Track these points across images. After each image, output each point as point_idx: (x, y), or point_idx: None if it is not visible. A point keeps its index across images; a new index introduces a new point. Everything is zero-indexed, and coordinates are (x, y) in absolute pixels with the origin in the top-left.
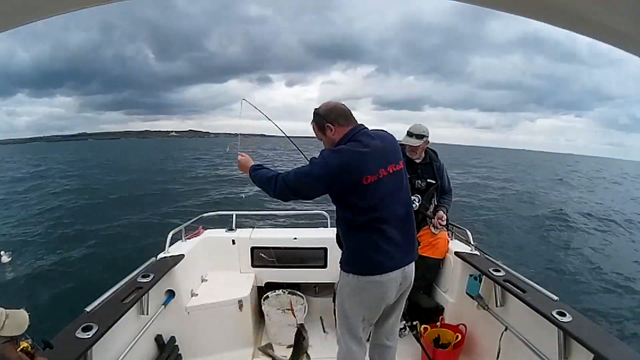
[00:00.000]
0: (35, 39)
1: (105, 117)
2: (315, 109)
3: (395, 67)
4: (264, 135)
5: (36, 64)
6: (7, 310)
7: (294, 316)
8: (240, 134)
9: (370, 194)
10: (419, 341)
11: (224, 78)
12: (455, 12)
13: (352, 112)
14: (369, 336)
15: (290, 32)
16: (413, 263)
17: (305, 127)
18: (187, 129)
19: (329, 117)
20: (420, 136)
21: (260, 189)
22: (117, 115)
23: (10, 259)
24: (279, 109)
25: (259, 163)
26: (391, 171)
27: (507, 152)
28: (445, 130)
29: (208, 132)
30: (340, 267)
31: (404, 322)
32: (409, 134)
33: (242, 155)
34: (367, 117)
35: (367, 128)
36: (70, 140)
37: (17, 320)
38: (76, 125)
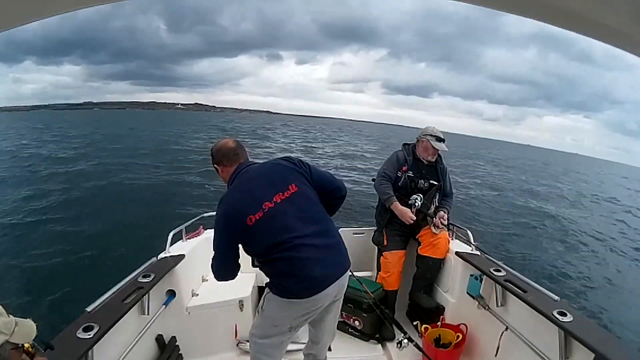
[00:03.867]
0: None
1: (112, 87)
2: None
3: (407, 52)
4: (270, 112)
5: (44, 32)
6: (17, 318)
7: None
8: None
9: (261, 233)
10: (419, 349)
11: (234, 53)
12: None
13: (360, 95)
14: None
15: (304, 11)
16: (347, 272)
17: (313, 107)
18: (193, 102)
19: (216, 158)
20: (443, 140)
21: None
22: (124, 86)
23: None
24: (286, 87)
25: None
26: (279, 200)
27: (511, 146)
28: (452, 119)
29: (214, 106)
30: (270, 288)
31: (402, 334)
32: (438, 139)
33: None
34: (375, 100)
35: (249, 165)
36: (76, 108)
37: (25, 329)
38: (82, 94)
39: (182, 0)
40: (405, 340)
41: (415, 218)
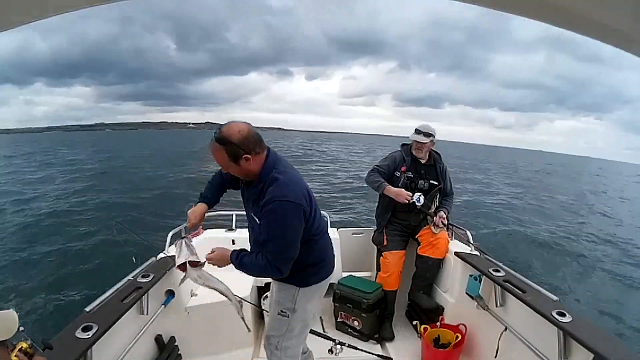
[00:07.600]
0: (53, 31)
1: (123, 107)
2: (223, 137)
3: (417, 63)
4: (282, 128)
5: (54, 55)
6: None
7: None
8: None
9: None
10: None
11: (244, 70)
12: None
13: (372, 108)
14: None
15: (313, 24)
16: None
17: (323, 122)
18: (204, 121)
19: (247, 146)
20: (427, 134)
21: None
22: (135, 106)
23: None
24: (298, 103)
25: (236, 250)
26: None
27: (524, 153)
28: (464, 128)
29: None
30: (301, 285)
31: (332, 341)
32: (417, 132)
33: (210, 254)
34: (387, 112)
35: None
36: (87, 130)
37: (6, 323)
38: (94, 115)
39: (190, 18)
40: (339, 346)
41: (411, 195)
